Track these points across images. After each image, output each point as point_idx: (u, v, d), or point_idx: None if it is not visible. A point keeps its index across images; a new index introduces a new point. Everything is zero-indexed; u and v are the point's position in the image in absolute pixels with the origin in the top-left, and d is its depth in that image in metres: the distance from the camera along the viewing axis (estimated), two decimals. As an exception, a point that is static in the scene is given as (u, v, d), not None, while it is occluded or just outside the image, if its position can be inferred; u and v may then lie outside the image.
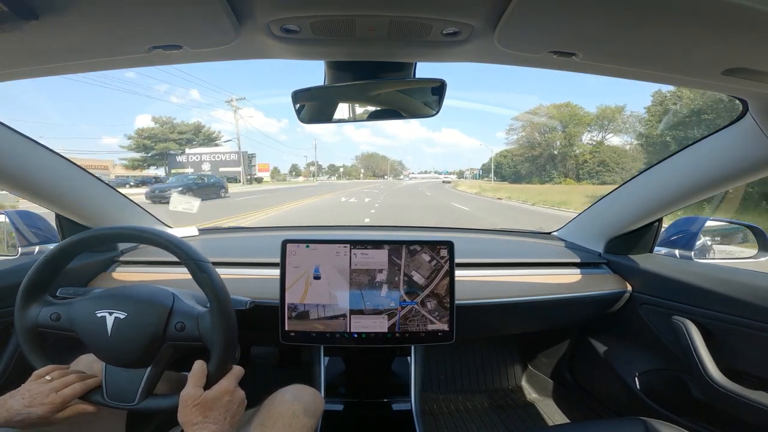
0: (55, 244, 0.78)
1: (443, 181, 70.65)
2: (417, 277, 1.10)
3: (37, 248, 1.22)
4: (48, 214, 1.27)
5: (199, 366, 0.71)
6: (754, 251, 1.31)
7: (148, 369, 0.73)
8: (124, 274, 1.27)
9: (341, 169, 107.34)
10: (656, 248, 1.39)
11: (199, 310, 0.75)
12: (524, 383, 1.87)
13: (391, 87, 0.83)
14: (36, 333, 0.75)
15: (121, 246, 1.38)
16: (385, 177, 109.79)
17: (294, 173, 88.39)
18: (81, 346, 0.75)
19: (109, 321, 0.71)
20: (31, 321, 0.74)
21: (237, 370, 0.74)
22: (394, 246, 1.10)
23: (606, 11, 0.51)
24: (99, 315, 0.72)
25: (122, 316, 0.72)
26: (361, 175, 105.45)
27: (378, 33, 0.60)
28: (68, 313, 0.74)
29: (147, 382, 0.73)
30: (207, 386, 0.69)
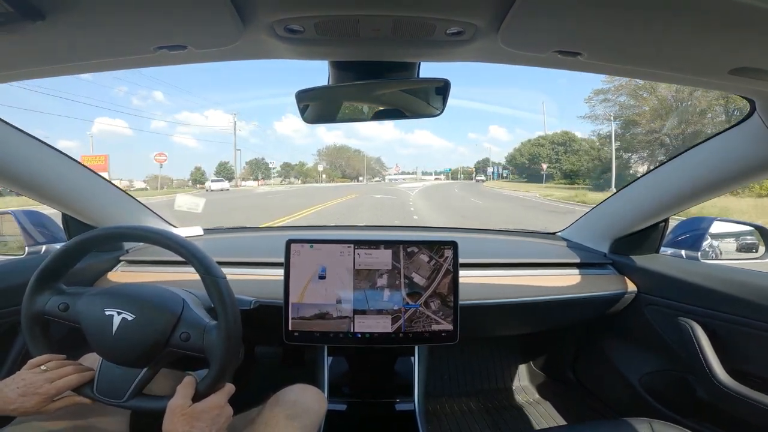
0: (79, 235, 0.78)
1: (476, 181, 59.40)
2: (417, 279, 1.09)
3: (44, 247, 1.23)
4: (55, 215, 1.28)
5: (189, 380, 0.71)
6: (761, 251, 1.30)
7: (144, 370, 0.73)
8: (129, 274, 1.28)
9: (272, 166, 67.47)
10: (662, 249, 1.38)
11: (207, 322, 0.74)
12: (528, 384, 1.86)
13: (394, 87, 0.83)
14: (41, 320, 0.76)
15: (127, 245, 1.38)
16: (360, 179, 78.41)
17: (220, 173, 52.64)
18: (86, 342, 0.75)
19: (116, 321, 0.71)
20: (38, 307, 0.75)
21: (228, 388, 0.74)
22: (398, 246, 1.10)
23: (611, 11, 0.50)
24: (107, 313, 0.72)
25: (130, 318, 0.72)
26: (323, 177, 71.23)
27: (382, 33, 0.60)
28: (77, 306, 0.74)
29: (139, 382, 0.73)
30: (196, 400, 0.69)
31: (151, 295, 0.76)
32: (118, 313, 0.72)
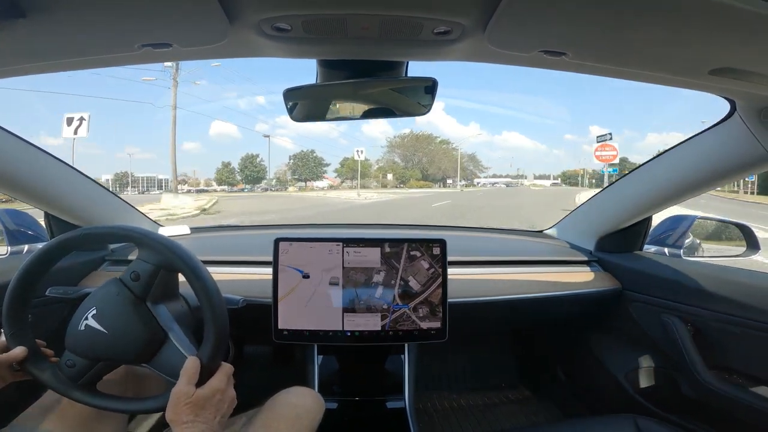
0: (53, 239, 0.76)
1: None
2: (413, 283, 1.10)
3: (26, 247, 1.20)
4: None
5: (192, 362, 0.69)
6: (742, 249, 1.33)
7: (169, 336, 0.73)
8: (114, 273, 1.26)
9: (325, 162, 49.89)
10: (646, 246, 1.40)
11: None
12: (518, 381, 1.88)
13: (383, 86, 0.83)
14: (85, 387, 0.74)
15: (112, 244, 1.36)
16: (449, 182, 55.05)
17: (245, 169, 43.32)
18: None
19: (92, 323, 0.71)
20: (64, 383, 0.73)
21: (227, 368, 0.72)
22: (387, 244, 1.10)
23: (595, 11, 0.51)
24: (82, 327, 0.71)
25: (95, 311, 0.71)
26: (388, 179, 51.81)
27: (370, 32, 0.60)
28: (72, 351, 0.73)
29: (183, 344, 0.72)
30: (200, 381, 0.67)
31: (93, 289, 0.77)
32: (86, 318, 0.72)
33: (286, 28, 0.58)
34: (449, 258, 1.12)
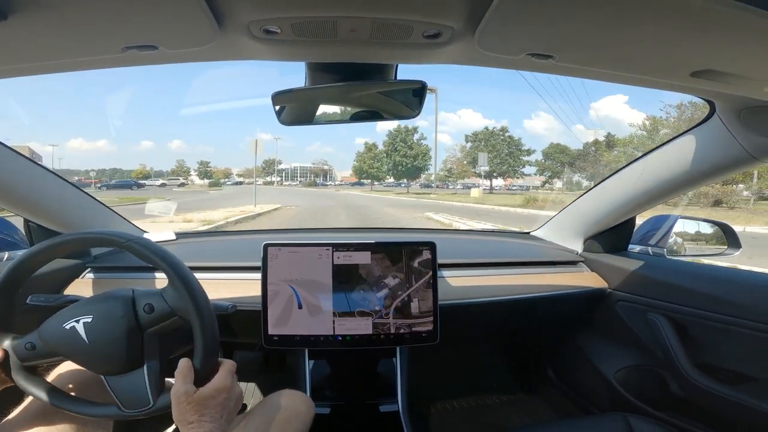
0: (35, 245, 0.74)
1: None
2: (396, 280, 1.10)
3: (6, 254, 1.17)
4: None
5: (184, 362, 0.68)
6: (723, 248, 1.36)
7: (145, 366, 0.71)
8: (98, 281, 1.23)
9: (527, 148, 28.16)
10: (631, 246, 1.43)
11: (161, 288, 0.73)
12: (510, 382, 1.89)
13: (372, 88, 0.83)
14: (28, 369, 0.72)
15: (95, 251, 1.33)
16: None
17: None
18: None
19: (80, 329, 0.69)
20: (13, 361, 0.71)
21: (229, 365, 0.71)
22: (377, 248, 1.10)
23: (582, 15, 0.52)
24: (68, 327, 0.70)
25: (89, 319, 0.70)
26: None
27: (360, 34, 0.60)
28: (41, 338, 0.71)
29: (151, 379, 0.70)
30: (197, 382, 0.66)
31: (98, 295, 0.75)
32: (77, 321, 0.70)
33: (275, 30, 0.58)
34: (438, 261, 1.12)
